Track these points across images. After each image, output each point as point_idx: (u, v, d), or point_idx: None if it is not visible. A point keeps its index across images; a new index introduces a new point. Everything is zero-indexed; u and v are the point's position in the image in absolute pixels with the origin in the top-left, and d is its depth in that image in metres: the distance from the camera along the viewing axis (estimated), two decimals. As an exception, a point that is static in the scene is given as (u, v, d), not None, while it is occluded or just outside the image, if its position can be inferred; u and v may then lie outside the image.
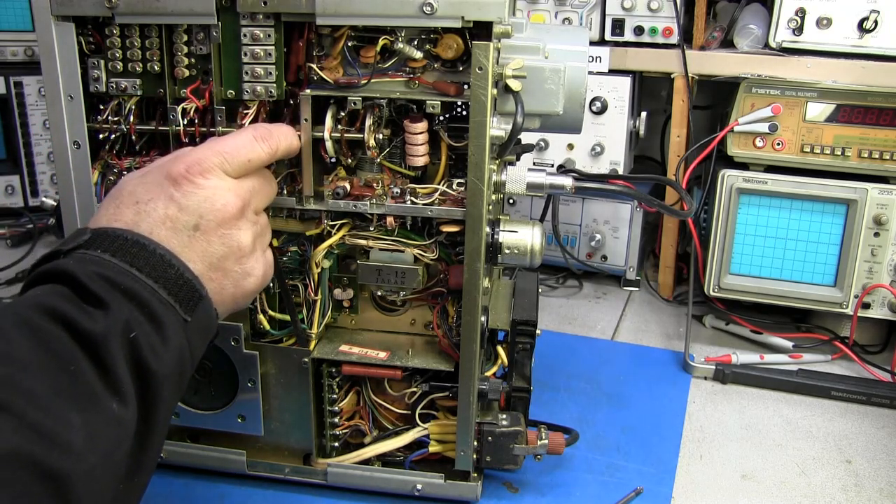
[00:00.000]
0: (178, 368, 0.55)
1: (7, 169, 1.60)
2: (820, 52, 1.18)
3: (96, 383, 0.49)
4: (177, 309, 0.56)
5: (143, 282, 0.54)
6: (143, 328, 0.53)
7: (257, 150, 0.65)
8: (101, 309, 0.51)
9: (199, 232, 0.59)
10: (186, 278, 0.57)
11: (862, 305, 1.17)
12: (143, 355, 0.52)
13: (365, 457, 0.84)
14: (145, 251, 0.56)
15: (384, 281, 0.79)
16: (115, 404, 0.49)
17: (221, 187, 0.61)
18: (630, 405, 1.07)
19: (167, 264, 0.56)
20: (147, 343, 0.52)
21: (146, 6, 0.71)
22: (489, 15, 0.68)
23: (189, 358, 0.57)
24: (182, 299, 0.56)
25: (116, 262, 0.54)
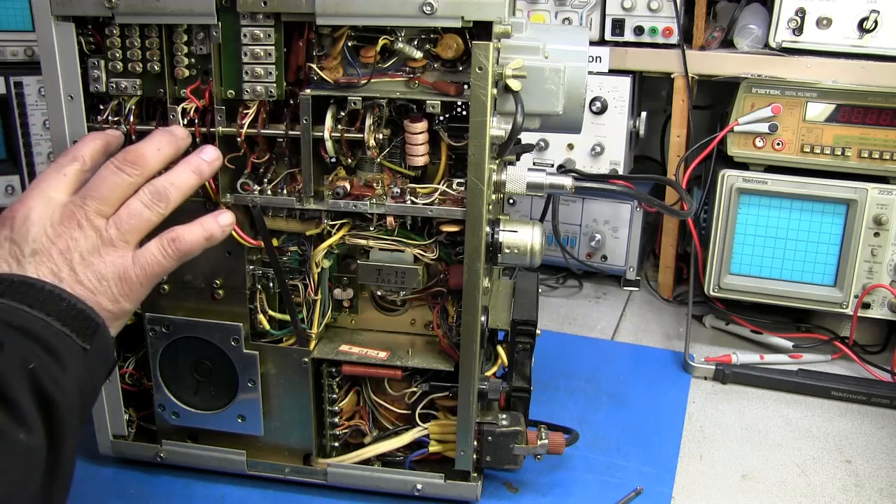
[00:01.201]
0: (79, 397, 0.56)
1: (7, 169, 1.59)
2: (820, 52, 1.18)
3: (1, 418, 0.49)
4: (73, 338, 0.57)
5: (34, 317, 0.55)
6: (41, 360, 0.53)
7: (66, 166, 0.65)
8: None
9: (39, 255, 0.60)
10: (79, 308, 0.58)
11: (862, 305, 1.17)
12: (44, 386, 0.52)
13: (365, 457, 0.84)
14: (33, 289, 0.57)
15: (384, 281, 0.79)
16: (23, 434, 0.50)
17: (45, 209, 0.62)
18: (630, 405, 1.07)
19: (57, 298, 0.58)
20: (47, 374, 0.53)
21: (146, 6, 0.71)
22: (489, 15, 0.68)
23: (90, 387, 0.58)
24: (77, 328, 0.57)
25: (6, 302, 0.55)
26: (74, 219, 0.62)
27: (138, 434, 0.89)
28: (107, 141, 0.69)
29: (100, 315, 0.60)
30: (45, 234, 0.60)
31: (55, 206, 0.62)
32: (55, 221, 0.61)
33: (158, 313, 0.81)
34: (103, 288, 0.61)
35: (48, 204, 0.62)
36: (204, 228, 0.67)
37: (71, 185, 0.64)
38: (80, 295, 0.60)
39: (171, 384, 0.84)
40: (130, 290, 0.63)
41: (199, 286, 0.81)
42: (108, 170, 0.64)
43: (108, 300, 0.62)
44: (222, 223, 0.69)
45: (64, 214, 0.62)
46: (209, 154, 0.69)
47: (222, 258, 0.80)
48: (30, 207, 0.61)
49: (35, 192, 0.63)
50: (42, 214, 0.61)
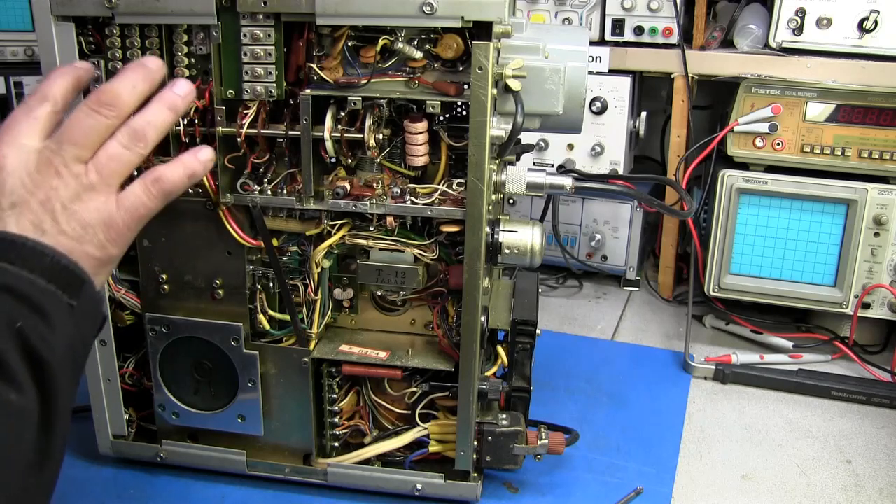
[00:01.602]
0: (70, 353, 0.55)
1: (7, 169, 1.59)
2: (820, 52, 1.18)
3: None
4: (59, 295, 0.55)
5: (18, 274, 0.53)
6: (27, 320, 0.52)
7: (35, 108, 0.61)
8: None
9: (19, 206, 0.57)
10: (63, 264, 0.56)
11: (862, 305, 1.17)
12: (32, 343, 0.51)
13: (365, 457, 0.84)
14: (14, 245, 0.55)
15: (384, 281, 0.79)
16: (13, 394, 0.49)
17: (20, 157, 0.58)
18: (630, 405, 1.07)
19: (40, 254, 0.55)
20: (35, 332, 0.52)
21: (146, 6, 0.71)
22: (489, 15, 0.68)
23: (80, 343, 0.57)
24: (63, 285, 0.55)
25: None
26: (52, 166, 0.59)
27: (138, 434, 0.89)
28: (76, 76, 0.65)
29: (85, 270, 0.58)
30: (23, 184, 0.58)
31: (30, 154, 0.59)
32: (31, 170, 0.58)
33: (158, 313, 0.81)
34: (89, 235, 0.59)
35: (22, 152, 0.59)
36: (185, 166, 0.65)
37: (43, 129, 0.61)
38: (65, 246, 0.58)
39: (171, 384, 0.84)
40: (117, 234, 0.61)
41: (199, 286, 0.81)
42: (82, 112, 0.61)
43: (95, 247, 0.59)
44: (202, 158, 0.66)
45: (40, 162, 0.59)
46: (182, 87, 0.66)
47: (222, 258, 0.80)
48: (4, 156, 0.58)
49: (6, 140, 0.59)
50: (17, 164, 0.58)
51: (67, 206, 0.58)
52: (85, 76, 0.66)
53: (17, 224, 0.57)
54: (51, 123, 0.61)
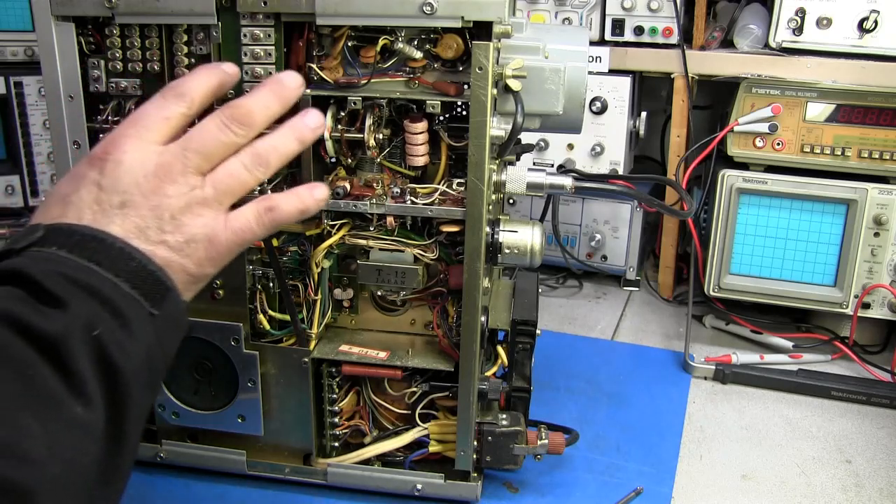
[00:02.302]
0: (147, 365, 0.53)
1: (7, 169, 1.59)
2: (820, 52, 1.17)
3: (57, 387, 0.46)
4: (142, 302, 0.53)
5: (103, 277, 0.51)
6: (106, 324, 0.50)
7: (170, 107, 0.59)
8: (58, 308, 0.48)
9: (128, 207, 0.55)
10: (150, 270, 0.54)
11: (862, 305, 1.17)
12: (108, 353, 0.49)
13: (365, 457, 0.84)
14: (103, 245, 0.53)
15: (384, 281, 0.79)
16: (80, 408, 0.47)
17: (141, 157, 0.56)
18: (630, 405, 1.07)
19: (128, 257, 0.53)
20: (113, 339, 0.49)
21: (146, 6, 0.71)
22: (489, 15, 0.68)
23: (160, 354, 0.54)
24: (147, 292, 0.53)
25: (74, 259, 0.51)
26: (171, 172, 0.56)
27: (138, 434, 0.89)
28: (221, 80, 0.62)
29: (172, 279, 0.55)
30: (138, 185, 0.55)
31: (151, 154, 0.57)
32: (150, 172, 0.56)
33: (158, 313, 0.81)
34: (190, 249, 0.57)
35: (144, 151, 0.56)
36: (301, 200, 0.62)
37: (172, 131, 0.59)
38: (163, 257, 0.55)
39: (171, 384, 0.84)
40: (217, 254, 0.58)
41: (199, 286, 0.81)
42: (213, 123, 0.59)
43: (193, 263, 0.57)
44: (317, 197, 0.62)
45: (160, 164, 0.56)
46: (313, 119, 0.63)
47: (222, 258, 0.80)
48: (124, 151, 0.56)
49: (131, 133, 0.57)
50: (136, 162, 0.56)
51: (177, 216, 0.56)
52: (230, 81, 0.63)
53: (122, 225, 0.55)
54: (180, 126, 0.59)
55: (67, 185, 0.57)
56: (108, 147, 0.57)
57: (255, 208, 0.60)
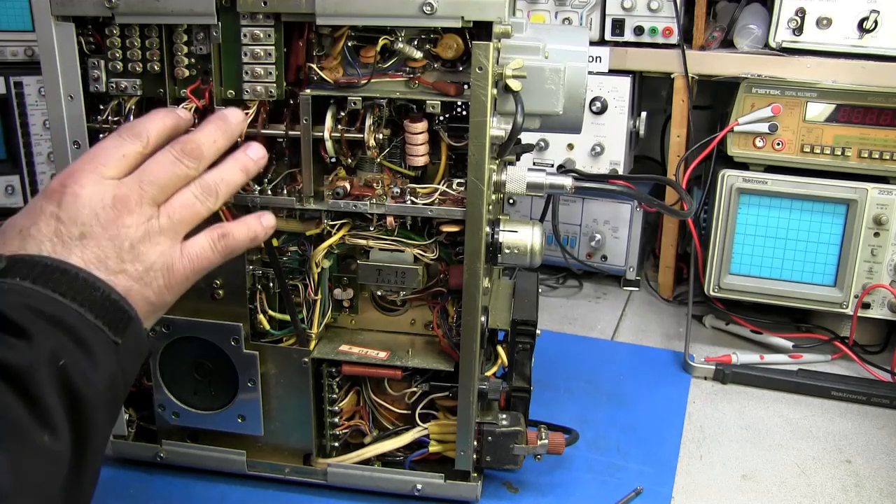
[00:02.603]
0: (110, 393, 0.54)
1: (7, 169, 1.59)
2: (820, 52, 1.18)
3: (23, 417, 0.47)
4: (105, 331, 0.54)
5: (67, 307, 0.53)
6: (71, 355, 0.51)
7: (127, 145, 0.62)
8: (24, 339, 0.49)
9: (88, 239, 0.57)
10: (113, 299, 0.56)
11: (862, 305, 1.17)
12: (73, 382, 0.50)
13: (365, 457, 0.84)
14: (67, 276, 0.54)
15: (384, 281, 0.79)
16: (47, 437, 0.48)
17: (98, 189, 0.59)
18: (630, 405, 1.07)
19: (91, 287, 0.55)
20: (77, 369, 0.51)
21: (146, 6, 0.71)
22: (489, 15, 0.68)
23: (122, 382, 0.56)
24: (110, 321, 0.55)
25: (38, 289, 0.52)
26: (129, 203, 0.59)
27: (138, 434, 0.89)
28: (176, 124, 0.66)
29: (133, 307, 0.57)
30: (97, 216, 0.57)
31: (109, 186, 0.59)
32: (107, 204, 0.58)
33: (158, 313, 0.81)
34: (149, 278, 0.59)
35: (102, 184, 0.59)
36: (249, 228, 0.67)
37: (127, 168, 0.61)
38: (123, 285, 0.57)
39: (171, 384, 0.84)
40: (176, 281, 0.61)
41: (199, 286, 0.80)
42: (166, 157, 0.62)
43: (153, 291, 0.59)
44: (266, 224, 0.68)
45: (118, 196, 0.59)
46: (255, 152, 0.68)
47: (222, 258, 0.80)
48: (82, 185, 0.58)
49: (89, 168, 0.59)
50: (94, 194, 0.58)
51: (135, 245, 0.59)
52: (184, 126, 0.67)
53: (82, 256, 0.56)
54: (136, 164, 0.62)
55: (25, 218, 0.58)
56: (66, 180, 0.59)
57: (208, 235, 0.64)
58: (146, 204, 0.60)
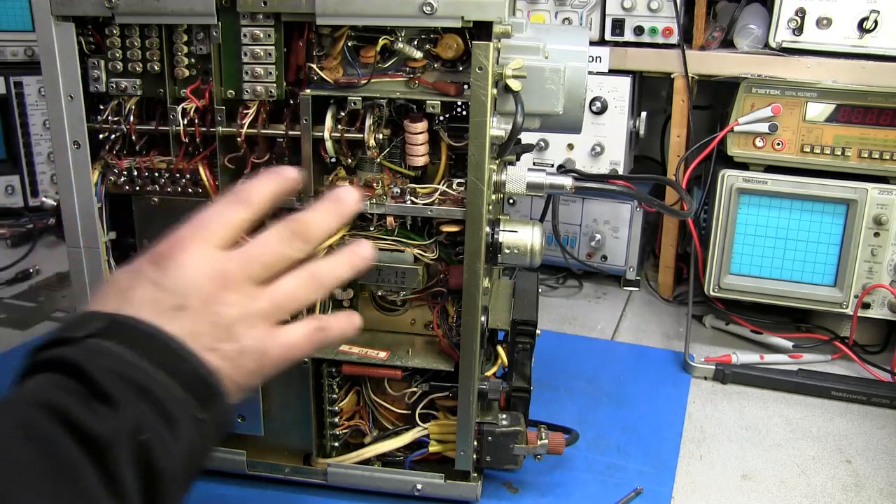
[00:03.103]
0: (188, 469, 0.52)
1: (7, 169, 1.60)
2: (820, 52, 1.18)
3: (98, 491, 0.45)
4: (192, 406, 0.53)
5: (156, 378, 0.51)
6: (155, 428, 0.49)
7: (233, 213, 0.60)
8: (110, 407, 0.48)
9: (185, 311, 0.55)
10: (202, 374, 0.54)
11: (862, 305, 1.17)
12: (152, 457, 0.49)
13: (365, 457, 0.84)
14: (160, 344, 0.53)
15: (384, 281, 0.79)
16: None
17: (203, 261, 0.57)
18: (630, 405, 1.07)
19: (182, 359, 0.53)
20: (159, 443, 0.49)
21: (146, 6, 0.71)
22: (489, 15, 0.68)
23: (200, 457, 0.54)
24: (198, 396, 0.53)
25: (130, 356, 0.51)
26: (231, 280, 0.57)
27: (138, 434, 0.89)
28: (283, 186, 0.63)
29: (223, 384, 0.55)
30: (198, 290, 0.56)
31: (213, 260, 0.57)
32: (210, 278, 0.56)
33: (158, 313, 0.81)
34: (241, 360, 0.57)
35: (207, 255, 0.57)
36: (346, 327, 0.65)
37: (233, 237, 0.59)
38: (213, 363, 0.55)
39: (171, 384, 0.84)
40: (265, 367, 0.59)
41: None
42: (276, 237, 0.60)
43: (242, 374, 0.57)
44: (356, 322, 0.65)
45: (221, 272, 0.57)
46: (364, 251, 0.64)
47: (222, 258, 0.80)
48: (187, 254, 0.56)
49: (195, 236, 0.58)
50: (199, 266, 0.56)
51: (232, 325, 0.56)
52: (292, 187, 0.64)
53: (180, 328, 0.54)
54: (241, 232, 0.60)
55: (127, 279, 0.57)
56: (171, 247, 0.57)
57: (306, 328, 0.61)
58: (249, 283, 0.58)
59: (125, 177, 0.79)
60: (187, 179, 0.78)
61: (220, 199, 0.61)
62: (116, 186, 0.80)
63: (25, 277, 1.42)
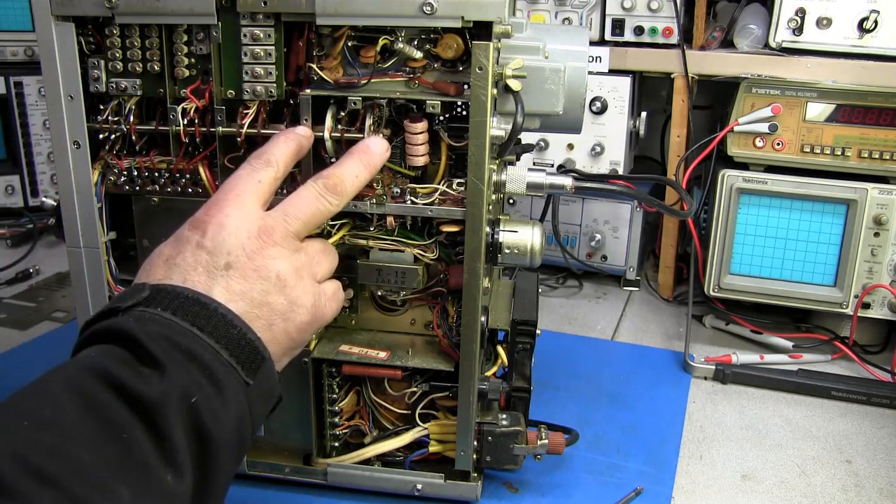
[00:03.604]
0: (237, 434, 0.52)
1: (7, 169, 1.60)
2: (820, 52, 1.18)
3: (150, 453, 0.46)
4: (238, 371, 0.53)
5: (204, 343, 0.52)
6: (203, 392, 0.50)
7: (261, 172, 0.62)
8: (158, 371, 0.48)
9: (233, 269, 0.56)
10: (249, 339, 0.54)
11: (862, 305, 1.17)
12: (202, 421, 0.49)
13: (365, 457, 0.84)
14: (206, 310, 0.53)
15: (384, 281, 0.79)
16: (170, 476, 0.46)
17: (243, 219, 0.58)
18: (630, 405, 1.07)
19: (229, 324, 0.54)
20: (208, 408, 0.49)
21: (146, 6, 0.71)
22: (489, 15, 0.68)
23: (249, 423, 0.54)
24: (244, 361, 0.53)
25: (178, 322, 0.52)
26: (273, 234, 0.58)
27: (138, 434, 0.89)
28: (299, 145, 0.66)
29: (268, 349, 0.56)
30: (243, 247, 0.57)
31: (253, 218, 0.58)
32: (253, 234, 0.57)
33: (158, 313, 0.81)
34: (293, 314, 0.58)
35: (244, 213, 0.58)
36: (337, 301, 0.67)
37: (266, 194, 0.61)
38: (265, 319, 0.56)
39: (171, 384, 0.84)
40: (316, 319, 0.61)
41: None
42: (311, 192, 0.62)
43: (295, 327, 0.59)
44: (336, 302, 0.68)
45: (263, 228, 0.58)
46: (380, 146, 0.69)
47: (222, 258, 0.80)
48: (226, 214, 0.57)
49: (231, 197, 0.59)
50: (240, 225, 0.57)
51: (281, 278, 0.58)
52: (306, 145, 0.67)
53: (227, 287, 0.55)
54: (272, 189, 0.62)
55: (171, 247, 0.58)
56: (210, 210, 0.58)
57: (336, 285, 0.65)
58: (291, 237, 0.60)
59: (125, 177, 0.79)
60: (187, 179, 0.78)
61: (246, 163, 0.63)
62: (116, 186, 0.80)
63: (25, 277, 1.42)
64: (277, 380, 0.58)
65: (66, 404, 0.45)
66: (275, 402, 0.59)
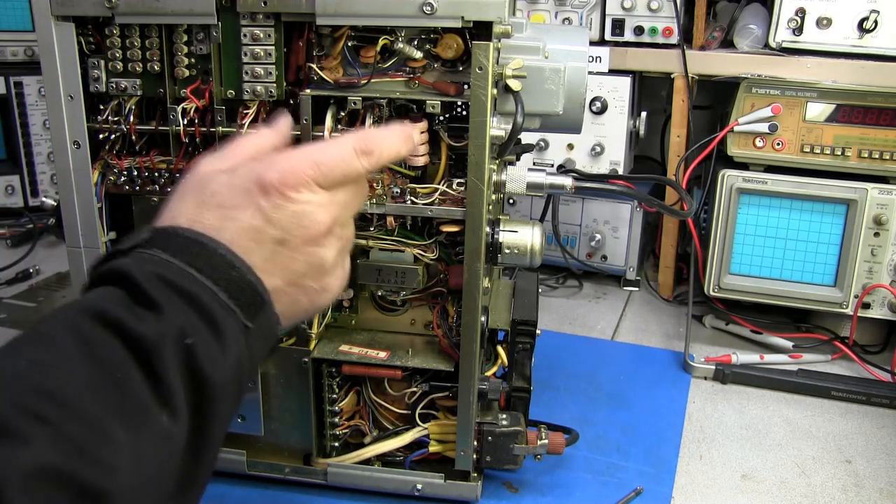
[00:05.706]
0: (235, 377, 0.52)
1: (7, 169, 1.60)
2: (820, 52, 1.18)
3: (145, 394, 0.45)
4: (237, 314, 0.52)
5: (202, 283, 0.51)
6: (200, 334, 0.49)
7: (356, 166, 0.59)
8: (154, 312, 0.48)
9: (284, 247, 0.55)
10: (249, 281, 0.53)
11: (862, 305, 1.17)
12: (199, 363, 0.48)
13: (365, 457, 0.84)
14: (206, 250, 0.52)
15: (384, 281, 0.79)
16: (165, 417, 0.46)
17: (313, 203, 0.56)
18: (630, 405, 1.07)
19: (229, 265, 0.52)
20: (204, 350, 0.49)
21: (146, 6, 0.71)
22: (489, 15, 0.68)
23: (248, 367, 0.53)
24: (243, 304, 0.52)
25: (175, 262, 0.51)
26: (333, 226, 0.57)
27: (138, 434, 0.89)
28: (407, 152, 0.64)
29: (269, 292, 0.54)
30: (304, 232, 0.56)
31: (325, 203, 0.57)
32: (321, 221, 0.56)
33: (158, 313, 0.81)
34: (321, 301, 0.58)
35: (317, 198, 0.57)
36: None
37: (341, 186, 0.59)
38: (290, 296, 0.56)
39: (171, 384, 0.84)
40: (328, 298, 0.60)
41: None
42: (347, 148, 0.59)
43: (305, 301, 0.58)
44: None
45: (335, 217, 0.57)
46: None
47: (222, 258, 0.80)
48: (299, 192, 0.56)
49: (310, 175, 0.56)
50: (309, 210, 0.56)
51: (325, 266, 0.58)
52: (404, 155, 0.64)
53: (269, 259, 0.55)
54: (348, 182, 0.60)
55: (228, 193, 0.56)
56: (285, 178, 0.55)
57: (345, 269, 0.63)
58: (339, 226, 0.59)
59: (125, 177, 0.79)
60: (187, 179, 0.78)
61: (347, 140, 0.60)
62: (116, 186, 0.80)
63: (25, 277, 1.42)
64: (276, 322, 0.56)
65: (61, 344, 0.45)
66: (273, 346, 0.58)
